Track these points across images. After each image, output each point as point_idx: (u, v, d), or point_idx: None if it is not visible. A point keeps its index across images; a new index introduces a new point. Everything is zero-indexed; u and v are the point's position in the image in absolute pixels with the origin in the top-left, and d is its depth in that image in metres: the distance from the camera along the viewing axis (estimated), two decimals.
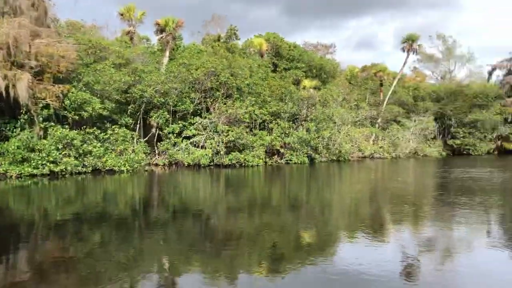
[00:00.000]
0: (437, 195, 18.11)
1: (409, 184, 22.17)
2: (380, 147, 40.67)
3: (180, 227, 11.28)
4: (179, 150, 27.22)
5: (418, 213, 13.09)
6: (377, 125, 43.50)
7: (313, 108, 34.40)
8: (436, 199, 16.71)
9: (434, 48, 64.96)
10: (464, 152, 49.56)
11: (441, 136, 52.18)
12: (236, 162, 28.22)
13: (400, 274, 7.08)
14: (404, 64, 43.97)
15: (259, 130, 31.47)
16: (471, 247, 9.05)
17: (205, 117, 29.08)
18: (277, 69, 40.28)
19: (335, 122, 35.35)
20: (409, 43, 42.92)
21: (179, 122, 28.87)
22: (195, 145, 28.12)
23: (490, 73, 58.83)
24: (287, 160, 31.68)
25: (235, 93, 30.10)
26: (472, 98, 52.01)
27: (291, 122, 33.34)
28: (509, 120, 52.45)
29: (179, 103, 28.84)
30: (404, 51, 43.51)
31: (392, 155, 41.07)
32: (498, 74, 58.33)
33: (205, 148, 27.66)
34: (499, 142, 52.48)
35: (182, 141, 27.63)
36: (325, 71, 42.38)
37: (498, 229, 11.13)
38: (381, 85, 48.46)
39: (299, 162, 31.63)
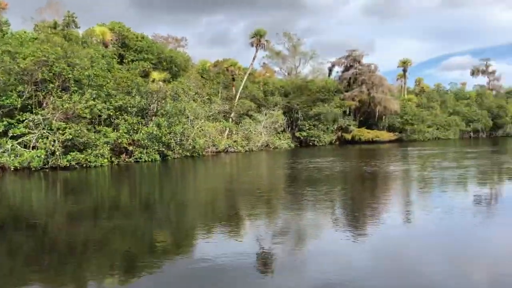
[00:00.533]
0: (287, 186, 18.18)
1: (262, 177, 22.09)
2: (234, 141, 40.77)
3: (9, 243, 9.10)
4: (3, 152, 23.14)
5: (270, 204, 13.27)
6: (230, 120, 43.54)
7: (163, 102, 32.63)
8: (286, 190, 16.68)
9: (281, 45, 68.25)
10: (310, 143, 52.77)
11: (289, 128, 54.71)
12: (76, 163, 25.02)
13: (256, 265, 7.28)
14: (254, 58, 44.96)
15: (104, 126, 28.60)
16: (319, 232, 9.61)
17: (37, 113, 25.28)
18: (124, 60, 37.49)
19: (187, 117, 34.12)
20: (257, 38, 43.82)
21: (4, 119, 24.65)
22: (25, 145, 24.24)
23: (330, 70, 63.93)
24: (136, 159, 29.34)
25: (73, 85, 26.76)
26: (316, 93, 55.65)
27: (139, 118, 31.00)
28: (347, 112, 57.42)
29: (3, 97, 24.61)
30: (252, 45, 44.35)
31: (246, 148, 41.52)
32: (337, 70, 63.63)
33: (37, 148, 24.00)
34: (339, 133, 57.12)
35: (7, 142, 23.54)
36: (176, 64, 40.77)
37: (342, 215, 11.85)
38: (233, 79, 48.78)
39: (150, 160, 29.60)
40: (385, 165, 25.70)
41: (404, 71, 76.12)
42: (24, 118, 24.91)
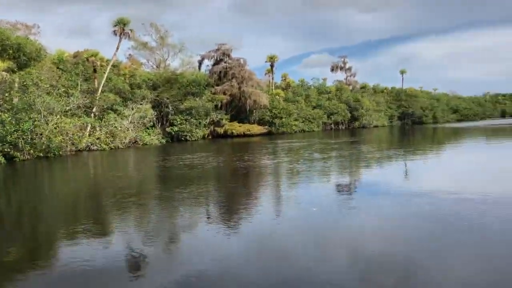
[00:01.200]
0: (156, 186, 16.38)
1: (127, 177, 19.80)
2: (97, 138, 37.09)
3: None
4: None
5: (138, 207, 12.00)
6: (92, 115, 39.56)
7: (7, 95, 28.02)
8: (155, 191, 14.93)
9: (148, 36, 65.02)
10: (182, 139, 50.97)
11: (160, 124, 52.25)
12: None
13: (127, 266, 7.05)
14: (117, 48, 41.39)
15: None
16: (191, 230, 9.38)
17: None
18: None
19: (40, 113, 29.86)
20: (121, 26, 40.33)
21: None
22: None
23: (200, 63, 62.67)
24: None
25: None
26: (186, 86, 53.97)
27: None
28: (219, 106, 56.79)
29: None
30: (116, 34, 40.70)
31: (111, 146, 38.13)
32: (208, 64, 62.59)
33: None
34: (212, 128, 56.25)
35: None
36: (24, 53, 35.57)
37: (214, 213, 11.13)
38: (95, 71, 44.50)
39: None
40: (258, 159, 25.26)
41: (272, 66, 78.27)
42: None
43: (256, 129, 59.42)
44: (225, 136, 56.18)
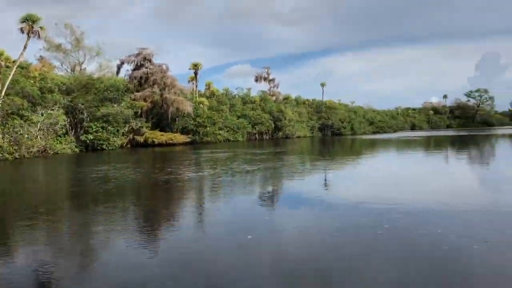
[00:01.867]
0: (65, 203, 14.19)
1: (28, 192, 17.25)
2: None
3: None
4: None
5: (45, 227, 10.09)
6: None
7: None
8: (63, 209, 12.82)
9: (62, 37, 60.60)
10: (98, 148, 47.55)
11: (73, 131, 48.43)
12: None
13: None
14: (25, 48, 37.23)
15: None
16: (100, 254, 8.35)
17: None
18: None
19: None
20: (29, 24, 36.49)
21: None
22: None
23: (119, 68, 59.33)
24: None
25: None
26: (103, 92, 50.71)
27: None
28: (139, 113, 54.02)
29: None
30: (23, 32, 36.72)
31: (16, 155, 34.17)
32: (127, 69, 59.51)
33: None
34: (131, 136, 53.30)
35: None
36: None
37: (131, 231, 9.08)
38: None
39: None
40: (181, 171, 23.63)
41: (196, 74, 76.62)
42: None
43: (179, 138, 57.33)
44: (146, 145, 53.51)
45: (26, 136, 35.95)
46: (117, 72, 59.77)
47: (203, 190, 16.50)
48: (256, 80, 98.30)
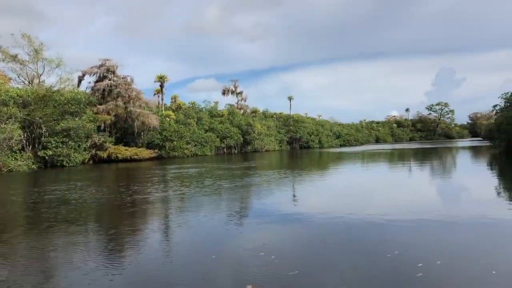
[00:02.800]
0: (10, 229, 12.04)
1: None
2: None
3: None
4: None
5: None
6: None
7: None
8: (8, 235, 10.73)
9: (19, 48, 57.23)
10: (58, 164, 44.57)
11: (30, 147, 45.32)
12: None
13: None
14: None
15: None
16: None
17: None
18: None
19: None
20: None
21: None
22: None
23: (80, 79, 56.34)
24: None
25: None
26: (64, 105, 47.89)
27: None
28: (102, 128, 51.36)
29: None
30: None
31: None
32: (90, 81, 56.70)
33: None
34: (93, 151, 50.52)
35: None
36: None
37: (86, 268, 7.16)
38: None
39: None
40: (147, 189, 21.65)
41: (161, 86, 74.60)
42: None
43: (145, 153, 54.88)
44: (110, 161, 50.82)
45: None
46: (78, 84, 56.87)
47: (172, 212, 14.69)
48: (224, 93, 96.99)
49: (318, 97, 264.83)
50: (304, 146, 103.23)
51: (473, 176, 25.16)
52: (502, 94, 49.26)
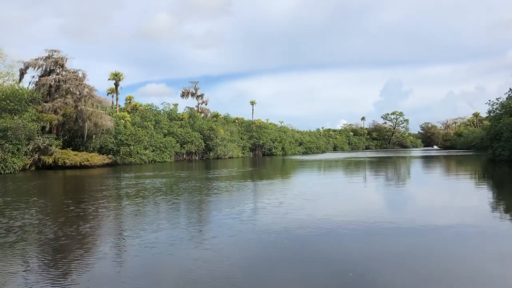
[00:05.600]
0: None
1: None
2: None
3: None
4: None
5: None
6: None
7: None
8: None
9: None
10: None
11: None
12: None
13: None
14: None
15: None
16: None
17: None
18: None
19: None
20: None
21: None
22: None
23: (22, 73, 48.58)
24: None
25: None
26: (1, 101, 40.60)
27: None
28: (47, 129, 44.25)
29: None
30: None
31: None
32: (34, 75, 49.12)
33: None
34: (36, 156, 43.32)
35: None
36: None
37: None
38: None
39: None
40: (99, 203, 16.03)
41: (116, 85, 67.71)
42: None
43: (97, 158, 48.12)
44: (55, 167, 43.79)
45: None
46: (20, 79, 49.09)
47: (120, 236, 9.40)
48: (183, 96, 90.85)
49: (272, 105, 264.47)
50: (267, 153, 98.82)
51: None
52: (489, 101, 47.17)
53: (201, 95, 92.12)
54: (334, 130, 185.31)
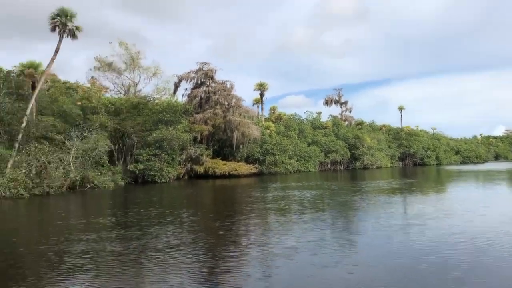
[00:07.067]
0: None
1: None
2: (12, 180, 24.72)
3: None
4: None
5: None
6: (17, 145, 27.41)
7: None
8: None
9: (116, 57, 54.07)
10: (149, 180, 39.02)
11: (122, 159, 40.56)
12: None
13: None
14: (56, 51, 28.80)
15: None
16: None
17: None
18: None
19: None
20: (62, 20, 28.51)
21: None
22: None
23: (176, 85, 51.11)
24: None
25: None
26: (158, 113, 42.77)
27: None
28: (198, 139, 45.45)
29: None
30: (54, 30, 28.83)
31: (36, 191, 25.77)
32: (186, 87, 51.26)
33: None
34: (189, 165, 44.73)
35: None
36: None
37: None
38: (34, 88, 32.71)
39: None
40: (250, 217, 13.87)
41: (261, 95, 68.05)
42: None
43: (244, 168, 48.03)
44: (206, 177, 44.60)
45: (55, 164, 27.65)
46: (175, 91, 51.78)
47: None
48: (326, 103, 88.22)
49: (417, 111, 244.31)
50: (419, 163, 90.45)
51: None
52: None
53: (345, 102, 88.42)
54: (495, 137, 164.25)
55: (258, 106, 69.83)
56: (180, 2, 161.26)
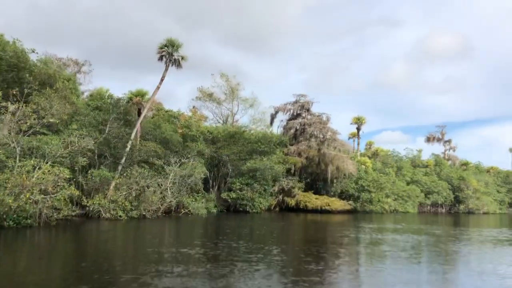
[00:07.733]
0: None
1: None
2: (112, 202, 25.89)
3: None
4: None
5: None
6: (120, 168, 28.90)
7: None
8: None
9: (217, 88, 56.21)
10: (241, 209, 38.98)
11: (217, 187, 41.15)
12: None
13: None
14: (162, 80, 30.53)
15: None
16: None
17: None
18: None
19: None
20: (168, 50, 30.27)
21: None
22: None
23: (272, 117, 51.51)
24: None
25: None
26: (254, 143, 43.04)
27: None
28: (292, 171, 44.77)
29: None
30: (161, 59, 30.59)
31: (134, 214, 26.76)
32: (282, 119, 51.43)
33: None
34: (280, 197, 44.10)
35: None
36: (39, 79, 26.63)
37: None
38: (139, 114, 34.66)
39: None
40: (343, 262, 12.47)
41: (358, 129, 66.05)
42: None
43: (337, 204, 46.20)
44: (297, 210, 43.54)
45: (152, 189, 28.55)
46: (271, 122, 52.19)
47: None
48: (428, 141, 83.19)
49: None
50: None
51: None
52: None
53: (448, 141, 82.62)
54: None
55: (354, 141, 67.92)
56: (279, 37, 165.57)
